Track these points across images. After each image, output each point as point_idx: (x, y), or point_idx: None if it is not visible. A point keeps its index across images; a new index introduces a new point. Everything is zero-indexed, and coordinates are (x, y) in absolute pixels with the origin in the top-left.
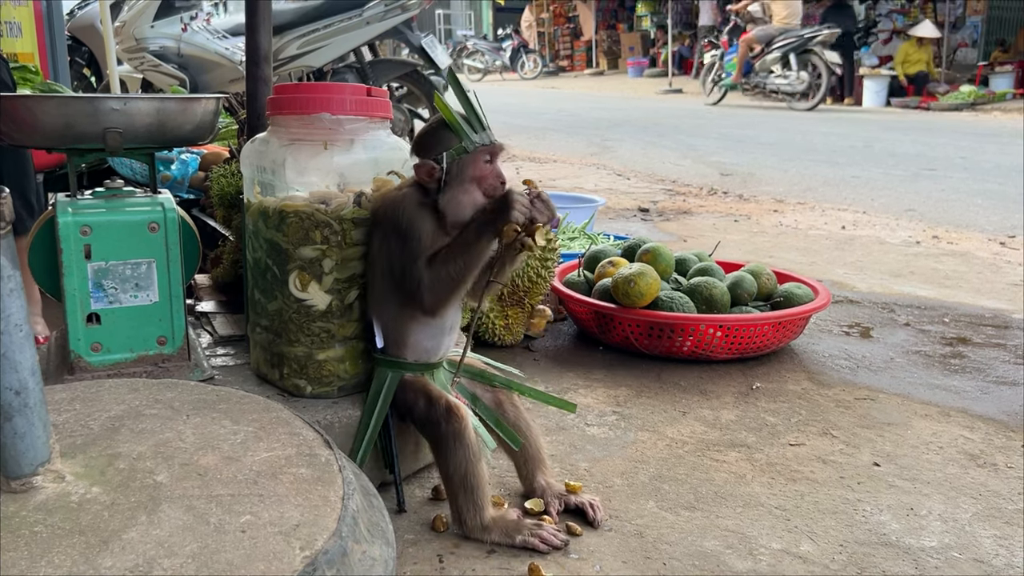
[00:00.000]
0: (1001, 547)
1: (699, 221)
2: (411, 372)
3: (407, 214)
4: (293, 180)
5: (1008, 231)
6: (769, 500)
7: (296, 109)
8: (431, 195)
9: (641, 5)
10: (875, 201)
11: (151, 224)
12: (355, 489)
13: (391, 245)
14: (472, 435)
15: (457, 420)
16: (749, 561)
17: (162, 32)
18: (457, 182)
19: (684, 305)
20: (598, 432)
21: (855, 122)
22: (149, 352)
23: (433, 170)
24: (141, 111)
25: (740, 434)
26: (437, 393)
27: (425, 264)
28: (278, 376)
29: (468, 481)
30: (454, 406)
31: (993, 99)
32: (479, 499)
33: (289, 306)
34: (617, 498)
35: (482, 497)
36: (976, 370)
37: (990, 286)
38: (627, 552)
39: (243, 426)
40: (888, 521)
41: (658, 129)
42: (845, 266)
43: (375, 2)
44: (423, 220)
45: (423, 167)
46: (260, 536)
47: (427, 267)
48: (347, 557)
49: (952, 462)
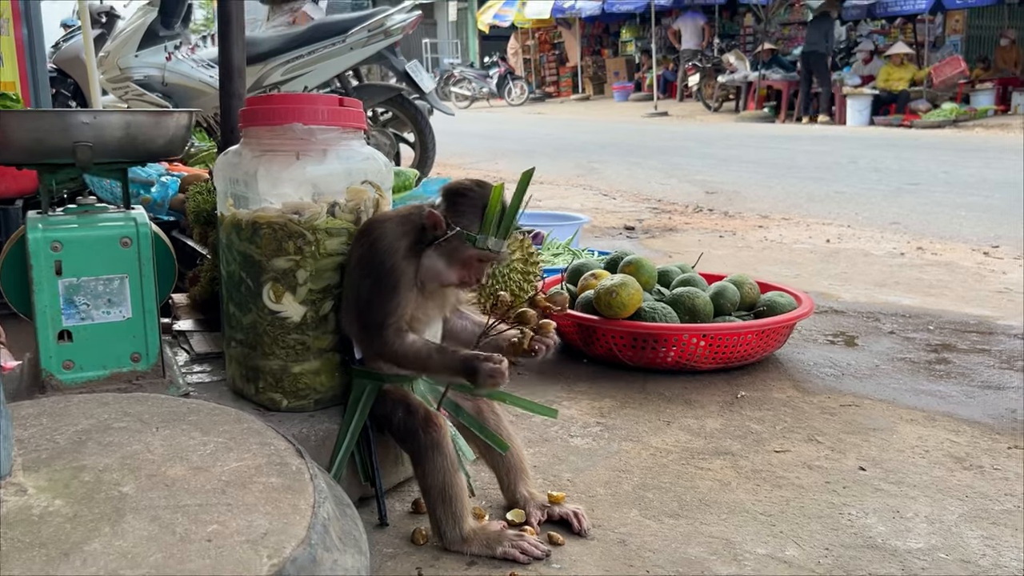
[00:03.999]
0: (988, 547)
1: (684, 238)
2: (390, 383)
3: (391, 260)
4: (266, 192)
5: (992, 241)
6: (754, 506)
7: (268, 120)
8: (421, 241)
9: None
10: (860, 215)
11: (123, 239)
12: (327, 497)
13: (364, 276)
14: (450, 445)
15: (435, 430)
16: (734, 566)
17: (146, 61)
18: (446, 254)
19: (667, 315)
20: (582, 443)
21: (839, 140)
22: (123, 369)
23: (440, 226)
24: (111, 124)
25: (725, 442)
26: (416, 403)
27: (393, 332)
28: (254, 390)
29: (447, 492)
30: (432, 416)
31: (975, 116)
32: (458, 510)
33: (263, 318)
34: (600, 507)
35: (461, 508)
36: (961, 375)
37: (974, 294)
38: (610, 560)
39: (213, 437)
40: (874, 524)
41: (643, 150)
42: (830, 278)
43: (358, 28)
44: (403, 275)
45: (436, 217)
46: (227, 545)
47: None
48: (317, 565)
49: (938, 465)
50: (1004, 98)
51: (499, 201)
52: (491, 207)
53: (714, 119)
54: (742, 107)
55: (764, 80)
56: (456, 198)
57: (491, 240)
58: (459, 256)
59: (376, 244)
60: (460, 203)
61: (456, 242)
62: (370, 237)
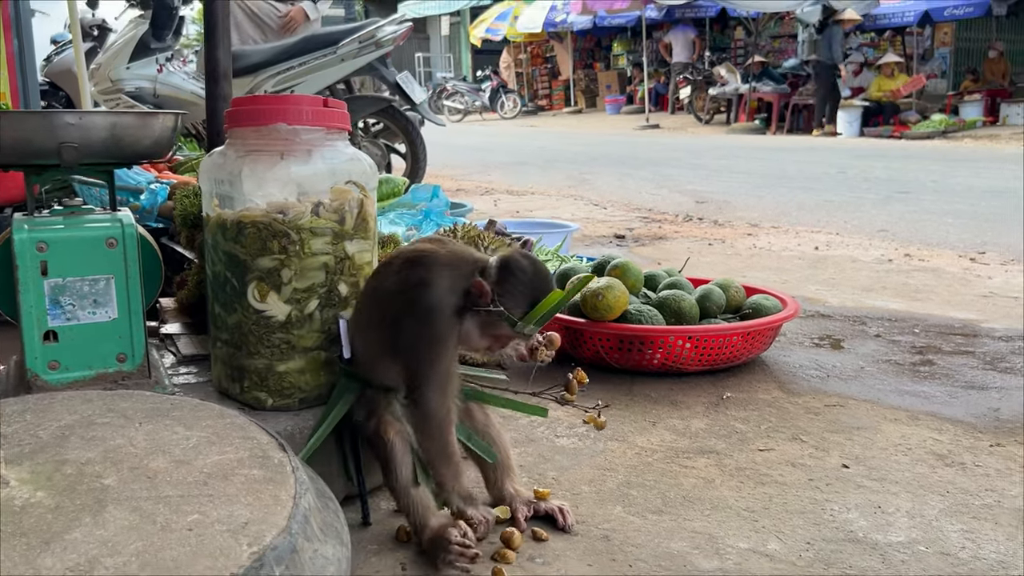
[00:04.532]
0: (968, 540)
1: (674, 246)
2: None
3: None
4: (251, 191)
5: (978, 248)
6: (737, 503)
7: (253, 121)
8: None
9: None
10: (848, 223)
11: (109, 240)
12: (308, 489)
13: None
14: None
15: (383, 443)
16: (716, 560)
17: (138, 73)
18: (483, 324)
19: (653, 318)
20: (568, 443)
21: (829, 151)
22: (108, 370)
23: (485, 298)
24: (97, 125)
25: (710, 441)
26: (378, 411)
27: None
28: (239, 390)
29: (398, 500)
30: (384, 428)
31: (963, 127)
32: (415, 521)
33: (248, 318)
34: (584, 504)
35: (418, 520)
36: (945, 376)
37: (960, 298)
38: (592, 555)
39: (196, 431)
40: (856, 519)
41: (635, 162)
42: (818, 283)
43: (349, 40)
44: (449, 336)
45: (484, 288)
46: (207, 534)
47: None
48: (297, 554)
49: (920, 462)
50: (992, 109)
51: (559, 300)
52: (544, 304)
53: (705, 131)
54: (733, 119)
55: (755, 92)
56: (508, 276)
57: (530, 328)
58: (494, 330)
59: (425, 292)
60: (511, 282)
61: (496, 317)
62: (419, 277)
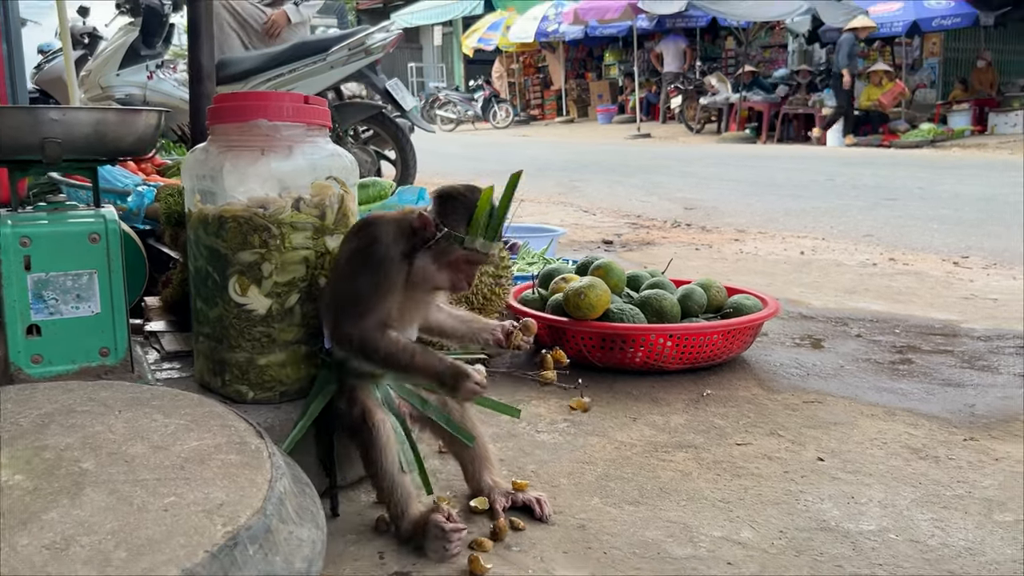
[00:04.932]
0: (937, 528)
1: (661, 251)
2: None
3: (386, 259)
4: (232, 187)
5: (962, 252)
6: (713, 494)
7: (234, 117)
8: (414, 244)
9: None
10: (834, 228)
11: (92, 235)
12: (284, 474)
13: (355, 271)
14: (386, 443)
15: (368, 429)
16: (689, 548)
17: (128, 80)
18: (436, 256)
19: (635, 317)
20: (548, 438)
21: (818, 159)
22: (91, 364)
23: (430, 228)
24: (80, 121)
25: (688, 436)
26: (360, 398)
27: (377, 328)
28: (220, 383)
29: (381, 487)
30: (368, 413)
31: (952, 136)
32: (396, 507)
33: (230, 311)
34: (562, 496)
35: (400, 506)
36: (923, 374)
37: (942, 300)
38: (569, 543)
39: (175, 419)
40: (829, 509)
41: (625, 170)
42: (802, 286)
43: (339, 47)
44: (396, 275)
45: (426, 219)
46: (183, 514)
47: (378, 331)
48: (271, 534)
49: (895, 455)
50: (981, 119)
51: (488, 203)
52: (480, 209)
53: (696, 140)
54: (724, 128)
55: (745, 102)
56: (445, 201)
57: (479, 242)
58: (449, 258)
59: (371, 242)
60: (449, 206)
61: (445, 244)
62: (365, 235)
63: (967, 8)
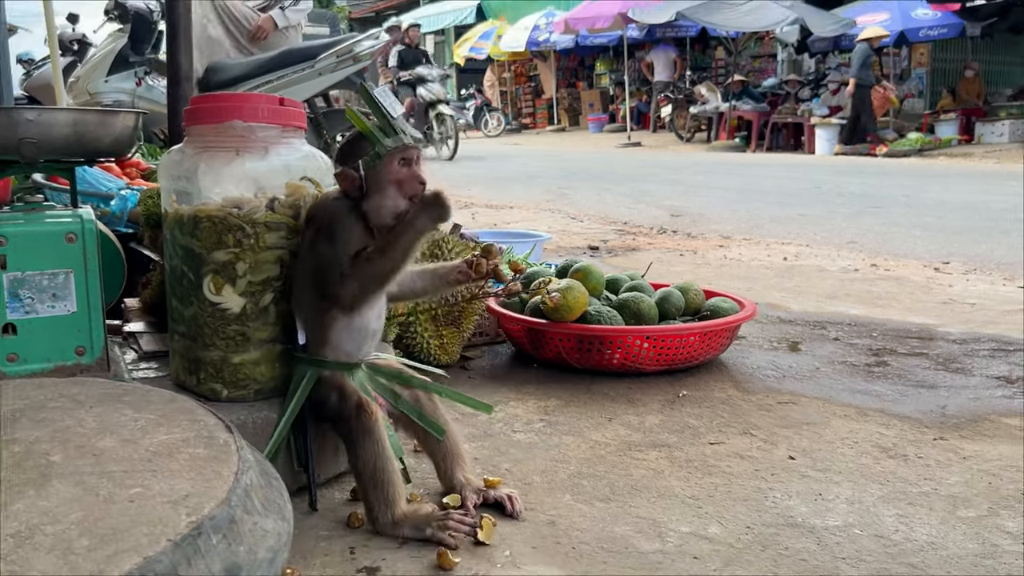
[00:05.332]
0: (902, 524)
1: (646, 257)
2: (330, 370)
3: (337, 216)
4: (208, 187)
5: (944, 258)
6: (683, 491)
7: (210, 119)
8: (352, 199)
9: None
10: (819, 235)
11: (68, 235)
12: (251, 467)
13: (320, 244)
14: (382, 431)
15: (367, 416)
16: (657, 543)
17: (116, 87)
18: (376, 188)
19: (612, 319)
20: (523, 438)
21: (806, 168)
22: (67, 363)
23: (353, 178)
24: (57, 122)
25: (662, 436)
26: (350, 389)
27: (349, 260)
28: (195, 382)
29: (378, 477)
30: (364, 402)
31: (939, 145)
32: (389, 494)
33: (204, 310)
34: (534, 493)
35: (393, 493)
36: (897, 376)
37: (920, 305)
38: (538, 538)
39: (145, 414)
40: (796, 505)
41: (614, 177)
42: (783, 291)
43: (327, 54)
44: (351, 223)
45: (344, 176)
46: (148, 505)
47: (351, 263)
48: (236, 524)
49: (865, 454)
50: (968, 128)
51: (357, 116)
52: (362, 126)
53: (686, 149)
54: (714, 137)
55: (735, 111)
56: (342, 151)
57: (387, 141)
58: (385, 178)
59: (325, 214)
60: (347, 151)
61: (372, 172)
62: (317, 212)
63: (954, 19)
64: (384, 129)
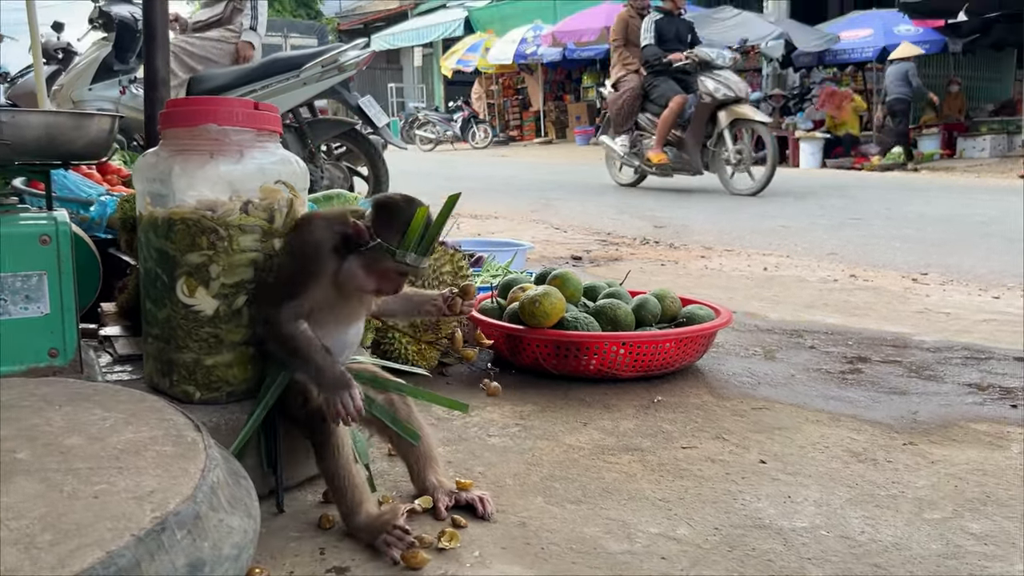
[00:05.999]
0: (868, 526)
1: (628, 266)
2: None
3: (315, 252)
4: (182, 190)
5: (922, 269)
6: (654, 494)
7: (184, 122)
8: (347, 246)
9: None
10: (799, 246)
11: (42, 236)
12: (218, 464)
13: (287, 262)
14: (343, 437)
15: (326, 424)
16: (625, 543)
17: (100, 95)
18: (367, 261)
19: (589, 325)
20: (498, 441)
21: (790, 180)
22: (40, 364)
23: (363, 237)
24: (31, 124)
25: (636, 440)
26: (314, 395)
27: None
28: (168, 384)
29: (338, 483)
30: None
31: (922, 159)
32: (351, 500)
33: (177, 312)
34: (506, 495)
35: (355, 499)
36: (871, 383)
37: (896, 314)
38: (508, 539)
39: (114, 413)
40: (765, 508)
41: (599, 188)
42: (762, 300)
43: (312, 63)
44: (322, 269)
45: (359, 228)
46: (112, 501)
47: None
48: (201, 521)
49: (835, 459)
50: (950, 143)
51: (423, 219)
52: (414, 224)
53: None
54: None
55: None
56: (383, 212)
57: (411, 256)
58: (378, 267)
59: (305, 236)
60: (385, 216)
61: (377, 253)
62: (300, 230)
63: (936, 35)
64: (419, 244)
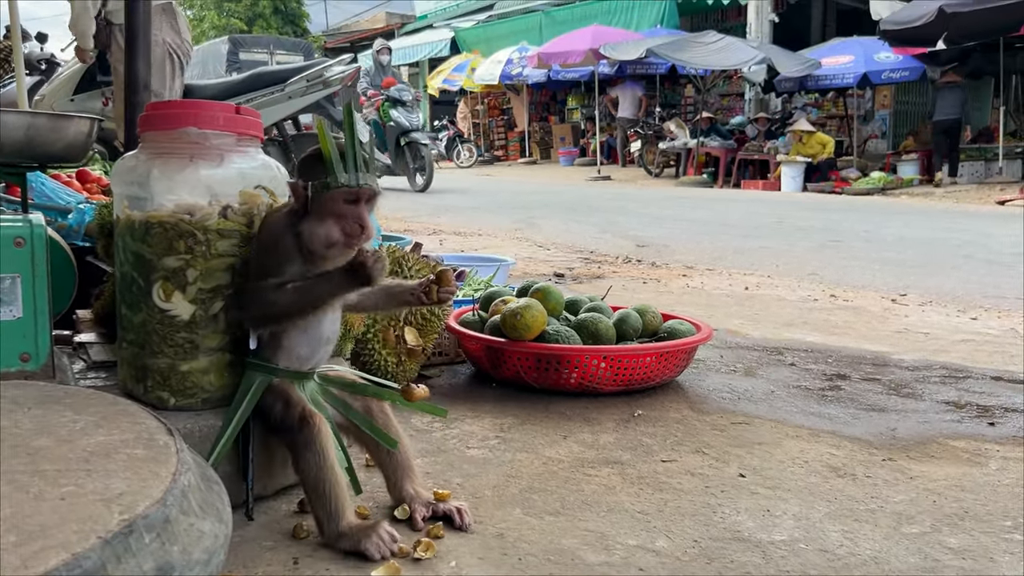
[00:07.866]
0: (847, 539)
1: (610, 284)
2: (280, 377)
3: (274, 231)
4: (161, 193)
5: (901, 290)
6: (633, 506)
7: (164, 125)
8: (297, 217)
9: (571, 98)
10: (780, 267)
11: (17, 239)
12: (189, 468)
13: (255, 256)
14: (325, 443)
15: (309, 428)
16: (603, 555)
17: (82, 106)
18: (317, 213)
19: (570, 338)
20: (477, 453)
21: (772, 203)
22: (11, 369)
23: (300, 194)
24: (7, 124)
25: (616, 453)
26: (296, 399)
27: (271, 287)
28: (142, 390)
29: (319, 489)
30: (308, 413)
31: (901, 184)
32: (332, 507)
33: (153, 317)
34: (484, 507)
35: (337, 506)
36: (850, 400)
37: (876, 333)
38: (485, 550)
39: (85, 416)
40: (744, 521)
41: (583, 209)
42: (742, 318)
43: (297, 78)
44: (284, 241)
45: (294, 188)
46: (80, 503)
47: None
48: (170, 524)
49: (815, 473)
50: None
51: (327, 139)
52: (325, 150)
53: (655, 183)
54: (682, 172)
55: (703, 147)
56: (301, 163)
57: (343, 176)
58: (329, 209)
59: (262, 231)
60: (304, 166)
61: (321, 197)
62: (264, 221)
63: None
64: (347, 163)
